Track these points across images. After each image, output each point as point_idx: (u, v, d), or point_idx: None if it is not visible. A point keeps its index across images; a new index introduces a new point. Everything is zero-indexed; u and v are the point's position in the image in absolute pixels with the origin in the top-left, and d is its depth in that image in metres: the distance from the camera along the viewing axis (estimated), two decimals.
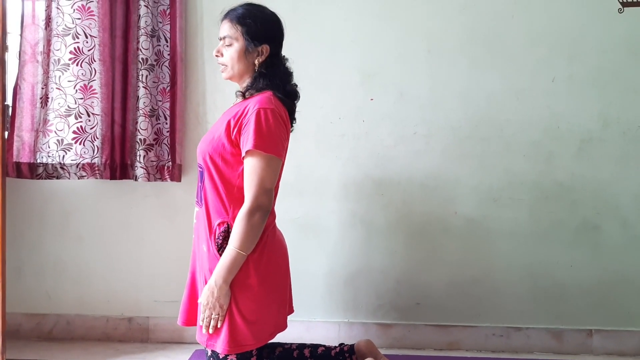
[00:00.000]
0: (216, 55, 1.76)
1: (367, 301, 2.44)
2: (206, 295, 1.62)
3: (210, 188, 1.69)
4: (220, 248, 1.66)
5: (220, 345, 1.66)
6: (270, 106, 1.63)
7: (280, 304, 1.77)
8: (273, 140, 1.61)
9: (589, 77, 2.39)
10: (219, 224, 1.67)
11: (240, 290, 1.65)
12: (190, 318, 1.78)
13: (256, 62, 1.70)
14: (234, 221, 1.65)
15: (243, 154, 1.61)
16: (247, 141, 1.59)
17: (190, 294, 1.78)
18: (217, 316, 1.63)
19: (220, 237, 1.66)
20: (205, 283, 1.68)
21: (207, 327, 1.64)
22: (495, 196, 2.41)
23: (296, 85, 1.77)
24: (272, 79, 1.70)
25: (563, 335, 2.41)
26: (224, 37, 1.72)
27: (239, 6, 1.74)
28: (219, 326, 1.64)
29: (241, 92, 1.74)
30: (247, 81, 1.74)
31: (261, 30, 1.70)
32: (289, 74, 1.75)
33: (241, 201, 1.65)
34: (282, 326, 1.79)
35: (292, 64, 1.78)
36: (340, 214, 2.44)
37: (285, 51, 1.78)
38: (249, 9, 1.73)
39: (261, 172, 1.60)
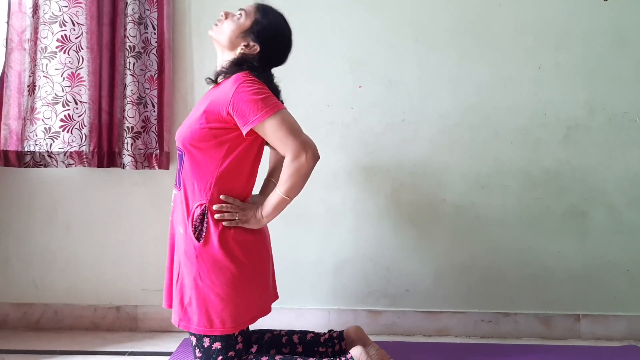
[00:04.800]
0: (221, 15, 1.76)
1: (357, 288, 2.45)
2: (247, 213, 1.68)
3: (189, 171, 1.69)
4: (196, 230, 1.66)
5: (194, 326, 1.67)
6: (247, 77, 1.64)
7: (262, 288, 1.77)
8: (268, 101, 1.61)
9: (575, 65, 2.42)
10: (196, 207, 1.67)
11: (217, 273, 1.66)
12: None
13: (240, 49, 1.71)
14: (211, 204, 1.66)
15: (245, 131, 1.61)
16: (249, 118, 1.59)
17: (170, 277, 1.78)
18: (235, 218, 1.67)
19: (198, 220, 1.67)
20: (180, 265, 1.69)
21: (223, 216, 1.67)
22: (483, 183, 2.43)
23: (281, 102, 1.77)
24: (256, 74, 1.69)
25: (551, 320, 2.43)
26: (242, 9, 1.74)
27: (274, 8, 1.77)
28: (229, 220, 1.67)
29: (211, 79, 1.75)
30: (224, 63, 1.73)
31: (266, 33, 1.72)
32: (274, 90, 1.74)
33: (219, 184, 1.66)
34: (265, 311, 1.79)
35: None
36: (329, 202, 2.44)
37: None
38: (276, 15, 1.77)
39: (283, 128, 1.60)
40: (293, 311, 2.43)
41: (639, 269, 2.44)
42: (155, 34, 2.35)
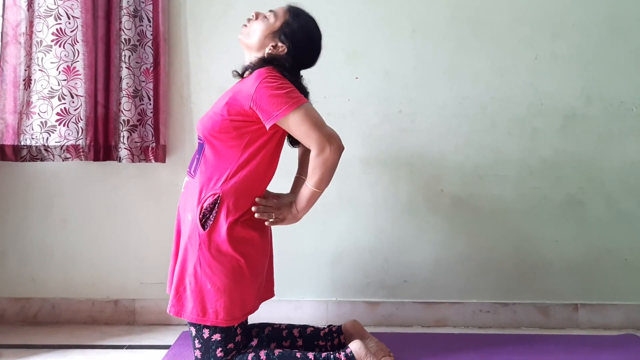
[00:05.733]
0: (251, 16, 1.77)
1: (355, 280, 2.45)
2: (282, 211, 1.75)
3: (208, 161, 1.70)
4: (204, 218, 1.66)
5: (187, 313, 1.68)
6: (269, 73, 1.65)
7: (258, 284, 1.77)
8: (291, 95, 1.62)
9: (572, 55, 2.42)
10: (209, 196, 1.68)
11: (217, 263, 1.67)
12: None
13: (268, 50, 1.72)
14: (225, 196, 1.67)
15: (269, 125, 1.63)
16: (273, 112, 1.60)
17: (175, 262, 1.78)
18: (273, 216, 1.74)
19: (208, 208, 1.67)
20: (183, 252, 1.69)
21: (264, 215, 1.73)
22: (480, 173, 2.43)
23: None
24: (281, 71, 1.70)
25: (549, 310, 2.43)
26: (272, 10, 1.76)
27: (305, 10, 1.79)
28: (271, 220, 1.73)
29: (237, 72, 1.78)
30: (252, 58, 1.75)
31: (296, 35, 1.73)
32: (302, 88, 1.77)
33: (237, 176, 1.68)
34: (256, 307, 1.80)
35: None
36: (327, 194, 2.39)
37: None
38: (307, 17, 1.79)
39: (307, 121, 1.62)
40: (291, 303, 2.43)
41: (637, 258, 2.44)
42: (150, 26, 2.35)
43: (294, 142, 1.83)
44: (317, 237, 2.44)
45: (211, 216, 1.67)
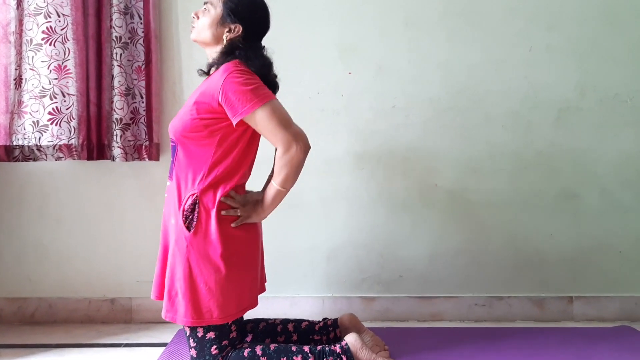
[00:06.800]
0: (192, 17, 1.76)
1: (351, 275, 2.45)
2: (247, 209, 1.71)
3: (182, 162, 1.70)
4: (187, 220, 1.66)
5: (180, 318, 1.67)
6: (237, 67, 1.64)
7: (251, 280, 1.76)
8: (257, 92, 1.60)
9: (567, 47, 2.40)
10: (188, 197, 1.67)
11: (206, 263, 1.66)
12: (163, 292, 1.77)
13: (225, 37, 1.70)
14: (202, 195, 1.66)
15: (235, 122, 1.61)
16: (238, 109, 1.59)
17: (162, 268, 1.78)
18: (238, 215, 1.69)
19: (189, 210, 1.67)
20: (171, 257, 1.69)
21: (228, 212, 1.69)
22: (475, 167, 2.42)
23: (276, 76, 1.76)
24: (245, 62, 1.68)
25: (544, 302, 2.44)
26: (206, 2, 1.73)
27: None
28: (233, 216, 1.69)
29: (203, 70, 1.76)
30: (214, 55, 1.73)
31: (240, 9, 1.70)
32: (267, 64, 1.73)
33: (212, 175, 1.66)
34: (253, 303, 1.79)
35: (269, 39, 1.76)
36: (322, 190, 2.43)
37: None
38: None
39: (273, 119, 1.61)
40: (287, 299, 2.43)
41: (631, 250, 2.45)
42: (141, 23, 2.33)
43: None
44: (312, 234, 2.44)
45: (194, 217, 1.66)
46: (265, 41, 1.77)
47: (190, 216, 1.66)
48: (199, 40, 1.75)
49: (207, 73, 1.76)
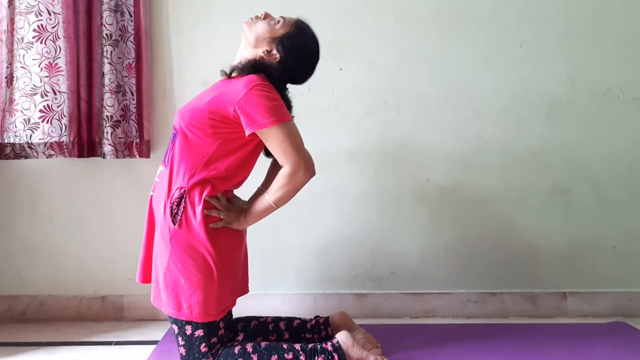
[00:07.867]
0: (261, 14, 1.77)
1: (342, 272, 2.44)
2: (230, 215, 1.69)
3: (179, 152, 1.70)
4: (173, 213, 1.67)
5: (164, 306, 1.69)
6: (262, 81, 1.66)
7: (233, 279, 1.76)
8: (279, 110, 1.63)
9: (557, 42, 2.40)
10: (176, 189, 1.68)
11: (189, 258, 1.66)
12: (147, 275, 1.79)
13: (261, 53, 1.71)
14: (191, 190, 1.66)
15: (248, 132, 1.62)
16: (258, 120, 1.60)
17: (146, 252, 1.78)
18: (221, 218, 1.68)
19: (175, 202, 1.67)
20: (159, 244, 1.69)
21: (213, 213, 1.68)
22: (466, 163, 2.42)
23: (291, 103, 1.81)
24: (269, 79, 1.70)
25: (537, 298, 2.42)
26: (282, 17, 1.75)
27: (312, 29, 1.77)
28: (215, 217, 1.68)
29: (225, 72, 1.76)
30: (243, 58, 1.74)
31: (294, 49, 1.72)
32: (288, 101, 1.77)
33: (204, 174, 1.67)
34: (233, 303, 1.79)
35: None
36: (312, 186, 2.37)
37: None
38: (311, 37, 1.77)
39: (288, 139, 1.62)
40: (279, 297, 2.42)
41: (624, 245, 2.43)
42: (132, 21, 2.34)
43: (269, 153, 1.80)
44: (303, 230, 2.43)
45: (179, 211, 1.66)
46: None
47: (176, 210, 1.67)
48: (244, 32, 1.75)
49: (229, 75, 1.75)
